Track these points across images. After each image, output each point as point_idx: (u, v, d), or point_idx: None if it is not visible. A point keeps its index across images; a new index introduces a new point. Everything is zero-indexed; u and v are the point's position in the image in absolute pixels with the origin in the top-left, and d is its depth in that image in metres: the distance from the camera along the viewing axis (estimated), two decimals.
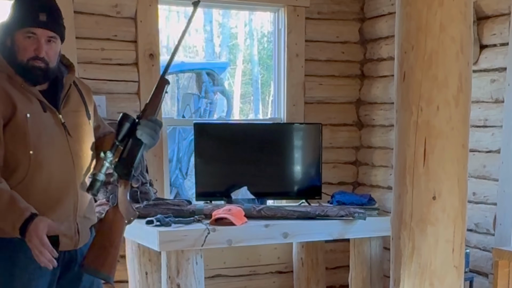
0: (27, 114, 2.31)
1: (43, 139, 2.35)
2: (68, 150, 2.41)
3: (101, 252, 2.41)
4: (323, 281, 4.39)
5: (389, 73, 4.35)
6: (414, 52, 1.93)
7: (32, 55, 2.31)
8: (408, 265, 1.99)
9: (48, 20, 2.32)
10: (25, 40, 2.32)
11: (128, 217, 2.45)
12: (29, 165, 2.32)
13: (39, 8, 2.32)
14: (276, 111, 4.57)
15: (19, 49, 2.32)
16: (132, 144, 2.42)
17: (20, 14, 2.33)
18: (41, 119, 2.35)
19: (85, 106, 2.52)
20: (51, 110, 2.39)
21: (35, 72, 2.33)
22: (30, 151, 2.31)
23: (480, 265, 3.73)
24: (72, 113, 2.45)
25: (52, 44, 2.36)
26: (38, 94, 2.37)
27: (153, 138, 2.43)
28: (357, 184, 4.77)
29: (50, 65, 2.36)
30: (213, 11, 9.74)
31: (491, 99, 3.63)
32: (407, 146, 1.97)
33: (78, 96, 2.51)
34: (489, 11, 3.62)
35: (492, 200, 3.65)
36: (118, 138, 2.40)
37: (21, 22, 2.32)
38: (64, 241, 2.42)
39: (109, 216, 2.46)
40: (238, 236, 3.47)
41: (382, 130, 4.52)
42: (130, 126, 2.40)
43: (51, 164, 2.36)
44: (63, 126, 2.40)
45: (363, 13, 4.61)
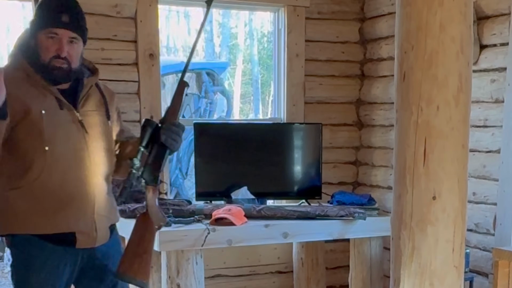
0: (42, 110, 2.34)
1: (58, 135, 2.37)
2: (84, 146, 2.42)
3: (135, 259, 2.42)
4: (323, 281, 4.39)
5: (389, 73, 4.35)
6: (414, 52, 1.93)
7: (54, 55, 2.35)
8: (408, 265, 1.99)
9: (70, 21, 2.36)
10: (47, 40, 2.35)
11: (158, 222, 2.47)
12: (45, 161, 2.34)
13: (61, 9, 2.36)
14: (276, 111, 4.57)
15: (42, 49, 2.36)
16: (157, 149, 2.44)
17: (43, 15, 2.38)
18: (57, 116, 2.37)
19: (105, 108, 2.54)
20: (68, 108, 2.41)
21: (56, 72, 2.36)
22: (46, 147, 2.34)
23: (480, 265, 3.73)
24: (90, 112, 2.48)
25: (74, 45, 2.39)
26: (56, 92, 2.39)
27: (176, 142, 2.45)
28: (357, 184, 4.77)
29: (72, 65, 2.39)
30: (213, 11, 9.75)
31: (491, 99, 3.63)
32: (407, 146, 1.97)
33: (99, 97, 2.54)
34: (489, 11, 3.62)
35: (492, 200, 3.65)
36: (142, 143, 2.42)
37: (43, 23, 2.36)
38: (81, 239, 2.43)
39: (140, 222, 2.48)
40: (238, 236, 3.47)
41: (382, 130, 4.52)
42: (153, 131, 2.43)
43: (67, 160, 2.38)
44: (80, 123, 2.42)
45: (363, 13, 4.61)
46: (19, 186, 2.35)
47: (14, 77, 2.36)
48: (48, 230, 2.38)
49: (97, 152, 2.47)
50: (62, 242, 2.40)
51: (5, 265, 5.74)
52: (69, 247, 2.42)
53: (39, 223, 2.37)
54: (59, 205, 2.37)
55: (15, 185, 2.35)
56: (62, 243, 2.41)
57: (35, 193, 2.35)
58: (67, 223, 2.39)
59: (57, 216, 2.38)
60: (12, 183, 2.36)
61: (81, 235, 2.43)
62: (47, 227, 2.38)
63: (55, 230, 2.39)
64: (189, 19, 10.57)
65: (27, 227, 2.38)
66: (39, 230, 2.38)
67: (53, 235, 2.39)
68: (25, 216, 2.37)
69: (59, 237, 2.40)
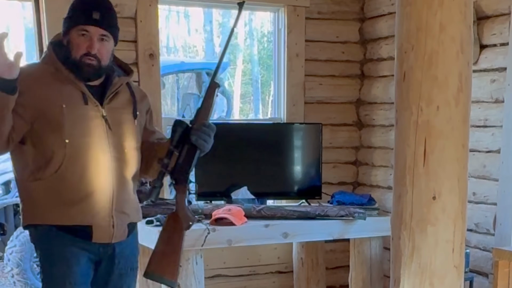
0: (63, 105, 2.37)
1: (79, 129, 2.39)
2: (106, 142, 2.43)
3: (164, 258, 2.46)
4: (323, 281, 4.39)
5: (389, 73, 4.35)
6: (414, 52, 1.93)
7: (85, 52, 2.38)
8: (408, 265, 1.99)
9: (101, 18, 2.39)
10: (79, 37, 2.38)
11: (187, 222, 2.49)
12: (65, 154, 2.37)
13: (92, 7, 2.39)
14: (276, 111, 4.56)
15: (73, 47, 2.39)
16: (187, 150, 2.47)
17: (74, 12, 2.42)
18: (79, 110, 2.40)
19: (133, 107, 2.55)
20: (93, 103, 2.43)
21: (86, 68, 2.39)
22: (66, 140, 2.36)
23: (480, 265, 3.73)
24: (116, 109, 2.49)
25: (105, 42, 2.42)
26: (83, 86, 2.42)
27: (207, 142, 2.48)
28: (357, 184, 4.77)
29: (102, 63, 2.41)
30: (213, 11, 9.76)
31: (491, 99, 3.63)
32: (407, 146, 1.97)
33: (128, 96, 2.55)
34: (489, 11, 3.62)
35: (492, 200, 3.65)
36: (173, 144, 2.45)
37: (75, 20, 2.40)
38: (97, 233, 2.44)
39: (169, 222, 2.51)
40: (238, 236, 3.47)
41: (382, 130, 4.52)
42: (183, 131, 2.45)
43: (87, 154, 2.40)
44: (104, 119, 2.44)
45: (363, 13, 4.61)
46: (40, 178, 2.39)
47: (42, 71, 2.43)
48: (66, 222, 2.41)
49: (121, 148, 2.48)
50: (79, 235, 2.43)
51: (5, 265, 5.75)
52: (86, 240, 2.44)
53: (57, 214, 2.41)
54: (77, 198, 2.40)
55: (37, 176, 2.39)
56: (79, 236, 2.43)
57: (55, 185, 2.39)
58: (84, 216, 2.41)
59: (74, 209, 2.41)
60: (35, 174, 2.40)
61: (97, 229, 2.44)
62: (64, 218, 2.41)
63: (72, 222, 2.41)
64: (189, 19, 10.57)
65: (47, 218, 2.42)
66: (58, 221, 2.41)
67: (70, 227, 2.42)
68: (45, 207, 2.41)
69: (76, 229, 2.42)
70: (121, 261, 2.55)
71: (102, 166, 2.43)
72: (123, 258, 2.56)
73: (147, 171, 2.62)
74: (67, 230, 2.42)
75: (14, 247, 5.53)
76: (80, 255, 2.44)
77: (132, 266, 2.63)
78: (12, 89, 2.20)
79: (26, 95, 2.32)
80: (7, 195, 6.07)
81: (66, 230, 2.42)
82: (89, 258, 2.48)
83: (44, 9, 3.70)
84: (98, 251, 2.49)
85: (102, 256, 2.51)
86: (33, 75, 2.40)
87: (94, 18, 2.37)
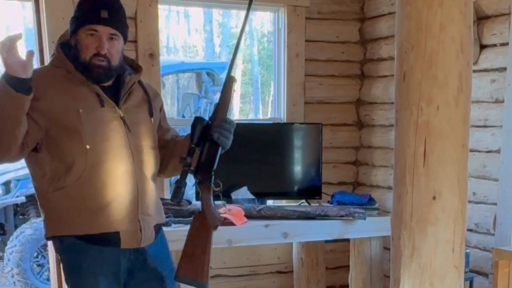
0: (79, 109, 2.31)
1: (99, 133, 2.33)
2: (127, 143, 2.38)
3: (194, 260, 2.39)
4: (323, 281, 4.39)
5: (389, 73, 4.35)
6: (414, 52, 1.93)
7: (94, 53, 2.32)
8: (408, 265, 1.99)
9: (110, 17, 2.32)
10: (87, 38, 2.32)
11: (214, 221, 2.43)
12: (86, 160, 2.31)
13: (100, 6, 2.32)
14: (276, 111, 4.56)
15: (82, 48, 2.33)
16: (209, 147, 2.40)
17: (82, 12, 2.34)
18: (96, 113, 2.34)
19: (148, 105, 2.50)
20: (110, 105, 2.37)
21: (97, 70, 2.33)
22: (87, 146, 2.30)
23: (480, 265, 3.73)
24: (132, 109, 2.44)
25: (114, 42, 2.35)
26: (97, 88, 2.36)
27: (228, 139, 2.42)
28: (357, 184, 4.77)
29: (112, 63, 2.35)
30: (213, 11, 9.76)
31: (491, 99, 3.63)
32: (407, 146, 1.96)
33: (142, 94, 2.51)
34: (489, 11, 3.62)
35: (492, 200, 3.65)
36: (194, 142, 2.38)
37: (83, 20, 2.33)
38: (125, 238, 2.38)
39: (196, 223, 2.44)
40: (238, 236, 3.47)
41: (382, 130, 4.52)
42: (203, 128, 2.38)
43: (109, 158, 2.34)
44: (122, 120, 2.38)
45: (363, 13, 4.61)
46: (62, 187, 2.33)
47: (53, 75, 2.36)
48: (92, 230, 2.35)
49: (141, 149, 2.42)
50: (107, 243, 2.37)
51: (5, 265, 5.75)
52: (115, 247, 2.38)
53: (83, 223, 2.34)
54: (103, 204, 2.33)
55: (58, 186, 2.33)
56: (107, 244, 2.37)
57: (78, 193, 2.32)
58: (111, 222, 2.35)
59: (100, 216, 2.34)
60: (55, 184, 2.34)
61: (125, 235, 2.38)
62: (91, 227, 2.34)
63: (99, 230, 2.35)
64: (189, 19, 10.58)
65: (72, 229, 2.35)
66: (83, 231, 2.35)
67: (97, 236, 2.35)
68: (69, 217, 2.35)
69: (103, 237, 2.36)
70: (158, 264, 2.49)
71: (124, 169, 2.37)
72: (159, 261, 2.50)
73: (164, 170, 2.57)
74: (94, 240, 2.35)
75: (14, 247, 5.54)
76: (110, 266, 2.38)
77: (170, 267, 2.55)
78: (27, 89, 2.14)
79: (42, 100, 2.26)
80: (7, 195, 6.08)
81: (93, 241, 2.35)
82: (118, 271, 2.40)
83: (44, 9, 3.70)
84: (129, 258, 2.42)
85: (134, 262, 2.44)
86: (45, 78, 2.33)
87: (103, 17, 2.30)
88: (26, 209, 6.32)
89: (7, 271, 5.68)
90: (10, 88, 2.11)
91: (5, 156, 2.29)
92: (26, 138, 2.26)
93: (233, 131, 2.44)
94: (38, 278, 5.61)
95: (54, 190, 2.34)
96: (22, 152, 2.29)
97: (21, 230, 5.62)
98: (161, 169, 2.57)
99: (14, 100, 2.14)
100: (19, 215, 6.35)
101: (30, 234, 5.54)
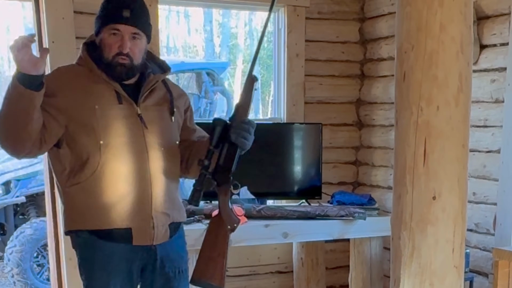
0: (95, 106, 2.34)
1: (113, 129, 2.36)
2: (142, 141, 2.39)
3: (210, 263, 2.39)
4: (323, 281, 4.39)
5: (389, 73, 4.35)
6: (414, 52, 1.93)
7: (117, 52, 2.34)
8: (408, 265, 1.99)
9: (132, 16, 2.34)
10: (110, 37, 2.35)
11: (231, 224, 2.43)
12: (100, 155, 2.33)
13: (123, 5, 2.35)
14: (276, 111, 4.56)
15: (105, 47, 2.36)
16: (227, 149, 2.39)
17: (105, 11, 2.38)
18: (112, 110, 2.37)
19: (170, 104, 2.50)
20: (128, 102, 2.39)
21: (119, 69, 2.36)
22: (101, 141, 2.33)
23: (480, 265, 3.73)
24: (152, 107, 2.45)
25: (137, 41, 2.38)
26: (117, 86, 2.39)
27: (247, 140, 2.40)
28: (357, 184, 4.77)
29: (134, 61, 2.38)
30: (213, 11, 9.77)
31: (491, 99, 3.63)
32: (407, 146, 1.97)
33: (164, 93, 2.51)
34: (489, 11, 3.62)
35: (492, 200, 3.65)
36: (212, 144, 2.37)
37: (106, 19, 2.37)
38: (137, 235, 2.40)
39: (213, 226, 2.44)
40: (238, 236, 3.45)
41: (382, 130, 4.52)
42: (222, 130, 2.37)
43: (122, 154, 2.36)
44: (139, 117, 2.40)
45: (363, 13, 4.61)
46: (78, 182, 2.36)
47: (76, 73, 2.40)
48: (105, 226, 2.37)
49: (157, 147, 2.43)
50: (119, 239, 2.38)
51: (5, 265, 5.75)
52: (127, 244, 2.39)
53: (96, 219, 2.37)
54: (115, 200, 2.35)
55: (74, 181, 2.37)
56: (119, 240, 2.39)
57: (92, 188, 2.35)
58: (123, 218, 2.37)
59: (112, 211, 2.36)
60: (72, 179, 2.37)
61: (137, 232, 2.39)
62: (103, 222, 2.37)
63: (111, 226, 2.37)
64: (189, 19, 10.59)
65: (85, 223, 2.38)
66: (97, 226, 2.37)
67: (110, 232, 2.37)
68: (84, 212, 2.38)
69: (115, 233, 2.38)
70: (167, 264, 2.49)
71: (139, 166, 2.38)
72: (169, 261, 2.50)
73: (188, 170, 2.56)
74: (108, 236, 2.37)
75: (14, 247, 5.54)
76: (121, 262, 2.40)
77: (180, 268, 2.55)
78: (37, 85, 2.17)
79: (59, 97, 2.31)
80: (7, 195, 6.08)
81: (107, 237, 2.37)
82: (131, 268, 2.42)
83: (44, 9, 3.70)
84: (142, 256, 2.43)
85: (146, 260, 2.45)
86: (66, 77, 2.38)
87: (125, 17, 2.33)
88: (26, 209, 6.32)
89: (7, 271, 5.68)
90: (20, 85, 2.15)
91: (21, 152, 2.33)
92: (43, 134, 2.30)
93: (253, 132, 2.43)
94: (38, 278, 5.61)
95: (71, 185, 2.38)
96: (41, 148, 2.33)
97: (21, 230, 5.62)
98: (186, 170, 2.57)
99: (23, 97, 2.17)
100: (19, 215, 6.35)
101: (30, 234, 5.54)
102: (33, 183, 6.08)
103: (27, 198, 6.17)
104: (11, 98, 2.19)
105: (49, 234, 4.00)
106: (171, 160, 2.49)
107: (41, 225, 5.49)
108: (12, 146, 2.32)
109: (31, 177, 6.08)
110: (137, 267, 2.44)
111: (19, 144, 2.29)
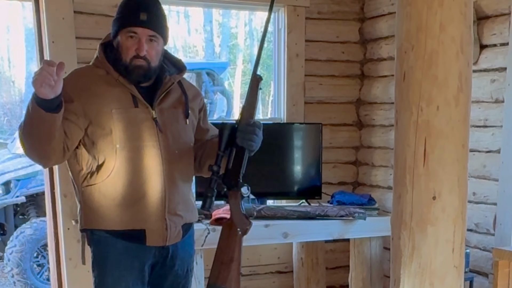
0: (112, 109, 2.36)
1: (129, 133, 2.38)
2: (157, 144, 2.42)
3: (223, 268, 2.42)
4: (323, 281, 4.39)
5: (389, 73, 4.35)
6: (414, 52, 1.93)
7: (134, 54, 2.36)
8: (408, 265, 1.99)
9: (149, 19, 2.36)
10: (127, 40, 2.37)
11: (243, 228, 2.46)
12: (116, 159, 2.36)
13: (140, 8, 2.37)
14: (276, 111, 4.56)
15: (123, 50, 2.38)
16: (236, 152, 2.42)
17: (122, 14, 2.40)
18: (129, 113, 2.39)
19: (185, 106, 2.52)
20: (143, 105, 2.41)
21: (137, 71, 2.38)
22: (117, 145, 2.36)
23: (480, 265, 3.73)
24: (167, 110, 2.47)
25: (154, 43, 2.39)
26: (133, 89, 2.41)
27: (253, 141, 2.42)
28: (357, 184, 4.77)
29: (152, 64, 2.39)
30: (213, 11, 9.77)
31: (491, 99, 3.63)
32: (407, 146, 1.97)
33: (179, 95, 2.53)
34: (489, 11, 3.62)
35: (492, 200, 3.65)
36: (221, 148, 2.40)
37: (123, 22, 2.39)
38: (151, 236, 2.43)
39: (225, 231, 2.46)
40: None
41: (382, 130, 4.52)
42: (230, 134, 2.40)
43: (138, 157, 2.39)
44: (154, 121, 2.42)
45: (363, 13, 4.61)
46: (94, 183, 2.40)
47: (92, 75, 2.42)
48: (119, 227, 2.41)
49: (171, 150, 2.45)
50: (134, 239, 2.42)
51: (5, 265, 5.75)
52: (140, 244, 2.43)
53: (111, 219, 2.41)
54: (130, 202, 2.39)
55: (90, 182, 2.41)
56: (134, 240, 2.42)
57: (108, 190, 2.39)
58: (137, 220, 2.41)
59: (127, 213, 2.40)
60: (88, 180, 2.41)
61: (151, 233, 2.43)
62: (118, 223, 2.41)
63: (126, 227, 2.41)
64: (189, 19, 10.59)
65: (100, 223, 2.42)
66: (111, 227, 2.41)
67: (124, 232, 2.41)
68: (99, 212, 2.42)
69: (130, 234, 2.42)
70: (177, 262, 2.54)
71: (153, 169, 2.41)
72: (179, 260, 2.54)
73: (202, 169, 2.58)
74: (121, 236, 2.41)
75: (14, 247, 5.54)
76: (134, 261, 2.44)
77: (189, 267, 2.61)
78: (56, 107, 2.20)
79: (76, 102, 2.34)
80: (7, 195, 6.08)
81: (121, 237, 2.41)
82: (143, 267, 2.46)
83: (44, 9, 3.70)
84: (154, 254, 2.47)
85: (158, 258, 2.49)
86: (83, 81, 2.40)
87: (142, 19, 2.35)
88: (26, 209, 6.33)
89: (7, 271, 5.68)
90: (40, 109, 2.17)
91: (48, 163, 2.47)
92: (66, 143, 2.34)
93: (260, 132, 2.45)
94: (38, 278, 5.61)
95: (87, 185, 2.42)
96: (65, 156, 2.38)
97: (21, 230, 5.62)
98: (199, 169, 2.60)
99: (45, 120, 2.21)
100: (19, 215, 6.35)
101: (30, 234, 5.54)
102: (33, 183, 6.09)
103: (27, 198, 6.17)
104: (32, 120, 2.23)
105: (49, 234, 4.00)
106: (185, 162, 2.52)
107: (41, 225, 5.49)
108: (38, 160, 2.41)
109: (31, 177, 6.09)
110: (149, 266, 2.48)
111: (44, 158, 2.37)
